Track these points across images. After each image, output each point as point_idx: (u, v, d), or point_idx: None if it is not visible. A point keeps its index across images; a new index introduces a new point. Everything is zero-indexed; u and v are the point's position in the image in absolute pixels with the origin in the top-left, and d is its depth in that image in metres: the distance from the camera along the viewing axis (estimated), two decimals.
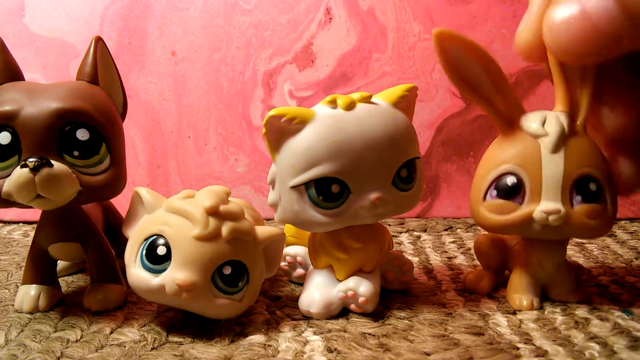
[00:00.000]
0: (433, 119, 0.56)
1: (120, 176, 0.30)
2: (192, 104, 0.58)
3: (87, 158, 0.28)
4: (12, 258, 0.43)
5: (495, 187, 0.28)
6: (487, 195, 0.29)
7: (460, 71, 0.28)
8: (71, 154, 0.27)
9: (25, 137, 0.26)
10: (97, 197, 0.29)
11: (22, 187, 0.26)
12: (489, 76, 0.28)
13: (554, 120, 0.28)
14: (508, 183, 0.28)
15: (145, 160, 0.59)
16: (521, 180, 0.28)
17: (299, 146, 0.27)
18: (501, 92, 0.28)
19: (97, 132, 0.28)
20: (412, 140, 0.29)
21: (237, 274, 0.26)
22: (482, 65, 0.28)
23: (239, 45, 0.57)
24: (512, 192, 0.28)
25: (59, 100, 0.27)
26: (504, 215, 0.28)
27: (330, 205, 0.28)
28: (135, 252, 0.27)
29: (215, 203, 0.26)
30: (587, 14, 0.22)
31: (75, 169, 0.27)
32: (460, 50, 0.27)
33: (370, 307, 0.29)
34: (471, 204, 0.30)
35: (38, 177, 0.26)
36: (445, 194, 0.57)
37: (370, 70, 0.56)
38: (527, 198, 0.28)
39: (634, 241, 0.46)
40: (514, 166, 0.28)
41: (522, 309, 0.30)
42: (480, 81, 0.28)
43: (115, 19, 0.57)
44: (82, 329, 0.28)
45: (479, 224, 0.30)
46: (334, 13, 0.56)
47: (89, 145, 0.28)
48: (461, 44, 0.27)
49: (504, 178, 0.28)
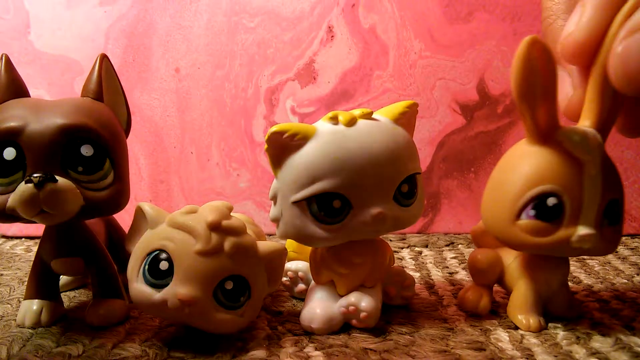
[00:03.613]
0: (434, 135, 0.57)
1: (124, 192, 0.30)
2: (195, 120, 0.59)
3: (91, 174, 0.28)
4: (14, 273, 0.43)
5: (533, 207, 0.26)
6: (521, 214, 0.27)
7: (529, 77, 0.25)
8: (75, 170, 0.28)
9: (30, 152, 0.27)
10: (101, 213, 0.30)
11: (27, 203, 0.26)
12: (545, 85, 0.26)
13: (595, 141, 0.26)
14: (549, 204, 0.26)
15: (148, 175, 0.60)
16: (562, 202, 0.26)
17: (301, 162, 0.27)
18: (548, 102, 0.26)
19: (101, 147, 0.28)
20: (412, 156, 0.29)
21: (239, 289, 0.27)
22: (545, 77, 0.26)
23: (242, 62, 0.58)
24: (553, 214, 0.26)
25: (63, 116, 0.27)
26: (541, 237, 0.27)
27: (332, 221, 0.28)
28: (138, 267, 0.27)
29: (218, 218, 0.26)
30: None
31: (79, 184, 0.28)
32: (540, 60, 0.25)
33: (372, 323, 0.29)
34: (496, 219, 0.28)
35: (42, 193, 0.26)
36: (447, 210, 0.57)
37: (371, 87, 0.57)
38: (566, 220, 0.26)
39: (635, 257, 0.46)
40: (556, 186, 0.26)
41: (531, 330, 0.29)
42: (537, 92, 0.26)
43: (120, 36, 0.58)
44: (84, 344, 0.28)
45: (510, 243, 0.28)
46: (336, 31, 0.57)
47: (93, 161, 0.28)
48: (545, 55, 0.25)
49: (545, 198, 0.26)
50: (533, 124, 0.27)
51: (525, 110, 0.26)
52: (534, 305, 0.30)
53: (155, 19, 0.58)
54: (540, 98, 0.26)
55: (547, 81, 0.26)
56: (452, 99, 0.56)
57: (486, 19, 0.55)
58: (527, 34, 0.27)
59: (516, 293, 0.31)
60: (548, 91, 0.26)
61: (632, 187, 0.54)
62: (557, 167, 0.26)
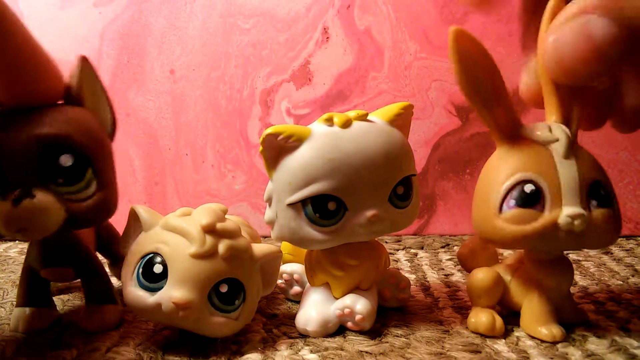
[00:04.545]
0: (429, 136, 0.57)
1: (109, 200, 0.28)
2: (190, 121, 0.59)
3: (72, 184, 0.26)
4: (8, 276, 0.43)
5: (512, 197, 0.27)
6: (502, 207, 0.27)
7: (469, 75, 0.26)
8: (55, 182, 0.25)
9: (5, 166, 0.25)
10: (86, 224, 0.28)
11: (5, 222, 0.24)
12: (493, 86, 0.27)
13: (558, 128, 0.27)
14: (527, 190, 0.26)
15: (142, 177, 0.59)
16: (539, 187, 0.26)
17: (296, 164, 0.27)
18: (502, 104, 0.27)
19: (81, 156, 0.26)
20: (408, 158, 0.29)
21: (234, 292, 0.26)
22: (488, 73, 0.27)
23: (237, 63, 0.58)
24: (532, 200, 0.26)
25: (37, 125, 0.25)
26: (526, 224, 0.26)
27: (327, 223, 0.28)
28: (132, 270, 0.27)
29: (212, 221, 0.26)
30: (591, 37, 0.23)
31: (61, 196, 0.26)
32: (473, 54, 0.26)
33: (367, 325, 0.29)
34: (482, 221, 0.28)
35: (19, 211, 0.24)
36: (442, 211, 0.57)
37: (367, 88, 0.57)
38: (548, 205, 0.26)
39: (630, 258, 0.46)
40: (530, 173, 0.27)
41: (556, 340, 0.28)
42: (484, 89, 0.27)
43: (115, 37, 0.58)
44: (78, 348, 0.28)
45: (497, 238, 0.28)
46: (331, 32, 0.57)
47: (73, 171, 0.26)
48: (475, 47, 0.26)
49: (521, 186, 0.27)
50: (495, 125, 0.28)
51: (483, 113, 0.27)
52: (551, 315, 0.29)
53: (150, 20, 0.58)
54: (492, 97, 0.27)
55: (492, 79, 0.27)
56: (447, 101, 0.56)
57: (481, 20, 0.55)
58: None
59: (530, 306, 0.29)
60: (497, 89, 0.27)
61: (626, 188, 0.54)
62: (526, 156, 0.27)
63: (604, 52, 0.23)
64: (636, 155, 0.54)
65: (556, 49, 0.24)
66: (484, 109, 0.27)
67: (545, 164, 0.27)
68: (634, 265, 0.43)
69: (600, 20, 0.22)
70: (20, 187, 0.24)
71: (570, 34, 0.23)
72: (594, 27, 0.23)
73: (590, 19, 0.23)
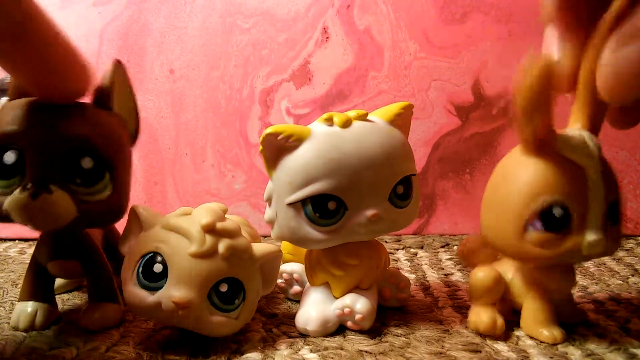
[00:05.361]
0: (429, 136, 0.57)
1: (121, 204, 0.29)
2: (189, 121, 0.59)
3: (89, 186, 0.27)
4: (7, 275, 0.43)
5: (540, 219, 0.26)
6: (528, 227, 0.26)
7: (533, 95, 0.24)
8: (73, 181, 0.27)
9: (30, 159, 0.26)
10: (95, 225, 0.29)
11: (20, 211, 0.25)
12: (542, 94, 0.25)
13: (592, 145, 0.26)
14: (556, 214, 0.25)
15: (142, 177, 0.59)
16: (568, 211, 0.25)
17: (296, 163, 0.27)
18: (544, 113, 0.25)
19: (102, 160, 0.27)
20: (408, 157, 0.29)
21: (234, 291, 0.26)
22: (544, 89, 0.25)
23: (236, 63, 0.58)
24: (560, 225, 0.25)
25: (66, 126, 0.26)
26: (552, 248, 0.26)
27: (327, 222, 0.28)
28: (132, 270, 0.27)
29: (212, 220, 0.26)
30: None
31: (75, 195, 0.27)
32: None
33: (367, 325, 0.29)
34: (502, 235, 0.27)
35: (36, 203, 0.25)
36: (442, 211, 0.57)
37: (366, 88, 0.57)
38: (574, 229, 0.25)
39: (629, 258, 0.46)
40: (561, 196, 0.25)
41: (557, 342, 0.28)
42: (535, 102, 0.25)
43: (114, 37, 0.58)
44: (78, 347, 0.28)
45: (519, 257, 0.28)
46: (331, 32, 0.57)
47: (92, 174, 0.27)
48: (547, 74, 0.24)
49: (551, 209, 0.25)
50: (532, 135, 0.26)
51: (524, 123, 0.25)
52: (552, 316, 0.29)
53: (149, 20, 0.58)
54: (539, 112, 0.25)
55: (546, 95, 0.25)
56: (447, 100, 0.56)
57: (481, 20, 0.55)
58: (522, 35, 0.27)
59: (530, 307, 0.29)
60: (547, 104, 0.25)
61: (626, 188, 0.54)
62: (558, 176, 0.25)
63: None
64: (636, 155, 0.54)
65: (614, 70, 0.22)
66: (526, 118, 0.25)
67: (576, 185, 0.25)
68: (634, 265, 0.43)
69: None
70: (40, 181, 0.26)
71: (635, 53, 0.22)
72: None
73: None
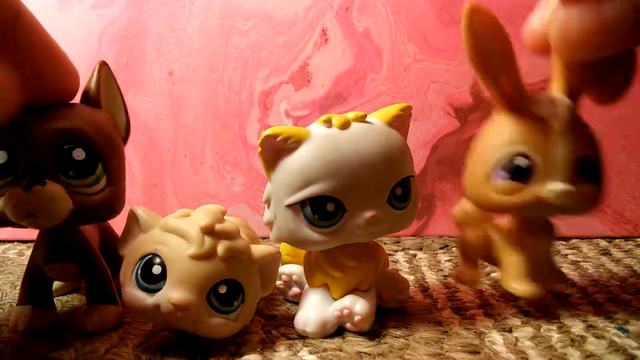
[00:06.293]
0: (428, 138, 0.57)
1: (117, 197, 0.30)
2: (188, 123, 0.59)
3: (82, 178, 0.28)
4: (6, 277, 0.43)
5: (504, 169, 0.28)
6: (494, 176, 0.29)
7: (479, 47, 0.27)
8: (66, 174, 0.27)
9: (22, 156, 0.26)
10: (93, 218, 0.29)
11: (14, 205, 0.26)
12: (501, 53, 0.28)
13: (562, 103, 0.28)
14: (521, 165, 0.28)
15: (141, 179, 0.59)
16: (531, 161, 0.28)
17: (295, 165, 0.27)
18: (509, 71, 0.28)
19: (93, 151, 0.28)
20: (406, 159, 0.29)
21: (233, 293, 0.26)
22: (499, 44, 0.27)
23: (235, 65, 0.58)
24: (522, 173, 0.28)
25: (56, 120, 0.27)
26: (514, 196, 0.28)
27: (326, 224, 0.28)
28: (131, 271, 0.27)
29: (211, 222, 0.26)
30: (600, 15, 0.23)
31: (70, 188, 0.27)
32: (485, 27, 0.27)
33: (366, 326, 0.29)
34: (472, 184, 0.30)
35: (29, 196, 0.25)
36: (441, 213, 0.57)
37: (365, 90, 0.57)
38: (537, 178, 0.28)
39: (628, 259, 0.46)
40: (526, 147, 0.28)
41: (528, 296, 0.30)
42: (494, 60, 0.27)
43: (113, 40, 0.58)
44: (77, 349, 0.28)
45: (483, 204, 0.30)
46: (330, 34, 0.57)
47: (85, 165, 0.28)
48: (489, 20, 0.27)
49: (515, 159, 0.28)
50: (499, 93, 0.28)
51: (488, 81, 0.28)
52: (527, 272, 0.30)
53: (148, 22, 0.58)
54: (499, 66, 0.27)
55: (501, 49, 0.27)
56: (446, 102, 0.56)
57: None
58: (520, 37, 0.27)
59: (506, 262, 0.31)
60: (505, 58, 0.27)
61: (625, 190, 0.54)
62: (523, 129, 0.28)
63: (611, 31, 0.23)
64: (634, 157, 0.54)
65: (564, 23, 0.24)
66: (490, 76, 0.28)
67: (541, 138, 0.28)
68: (633, 266, 0.43)
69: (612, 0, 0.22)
70: (33, 174, 0.26)
71: (580, 10, 0.23)
72: (605, 6, 0.22)
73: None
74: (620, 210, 0.55)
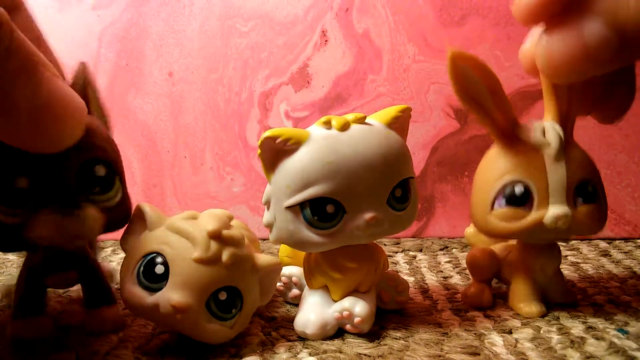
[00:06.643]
0: (428, 139, 0.57)
1: (130, 206, 0.29)
2: (188, 124, 0.59)
3: (106, 193, 0.27)
4: (6, 279, 0.43)
5: (503, 197, 0.30)
6: (494, 204, 0.30)
7: (468, 89, 0.29)
8: (92, 192, 0.26)
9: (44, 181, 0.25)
10: (115, 229, 0.28)
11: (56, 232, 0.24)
12: (491, 93, 0.29)
13: (552, 131, 0.29)
14: (517, 192, 0.29)
15: (141, 179, 0.59)
16: (528, 189, 0.29)
17: (294, 167, 0.27)
18: (499, 106, 0.29)
19: (110, 165, 0.27)
20: (406, 160, 0.29)
21: (232, 300, 0.26)
22: (486, 83, 0.29)
23: (235, 66, 0.58)
24: (521, 200, 0.29)
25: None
26: (514, 222, 0.29)
27: (325, 225, 0.28)
28: (132, 268, 0.26)
29: (219, 227, 0.26)
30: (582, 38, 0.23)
31: (98, 205, 0.26)
32: (470, 69, 0.28)
33: (366, 328, 0.29)
34: (476, 215, 0.31)
35: (69, 221, 0.24)
36: (441, 214, 0.57)
37: (365, 91, 0.57)
38: (536, 204, 0.29)
39: (628, 261, 0.46)
40: (520, 175, 0.29)
41: (533, 316, 0.31)
42: (484, 98, 0.29)
43: (113, 40, 0.58)
44: (77, 351, 0.28)
45: (488, 232, 0.31)
46: (330, 35, 0.57)
47: (107, 180, 0.27)
48: (472, 63, 0.28)
49: (512, 187, 0.29)
50: (492, 127, 0.30)
51: (481, 118, 0.30)
52: (533, 293, 0.32)
53: (148, 23, 0.58)
54: (489, 103, 0.29)
55: (489, 86, 0.29)
56: (445, 103, 0.56)
57: (479, 23, 0.55)
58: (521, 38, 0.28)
59: (515, 284, 0.33)
60: (494, 95, 0.29)
61: (625, 191, 0.55)
62: (519, 158, 0.30)
63: (593, 54, 0.23)
64: (634, 158, 0.54)
65: (547, 48, 0.24)
66: (482, 113, 0.30)
67: (535, 166, 0.29)
68: (632, 268, 0.43)
69: (593, 23, 0.23)
70: (65, 199, 0.25)
71: (562, 35, 0.24)
72: (587, 29, 0.23)
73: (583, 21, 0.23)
74: (620, 211, 0.55)
